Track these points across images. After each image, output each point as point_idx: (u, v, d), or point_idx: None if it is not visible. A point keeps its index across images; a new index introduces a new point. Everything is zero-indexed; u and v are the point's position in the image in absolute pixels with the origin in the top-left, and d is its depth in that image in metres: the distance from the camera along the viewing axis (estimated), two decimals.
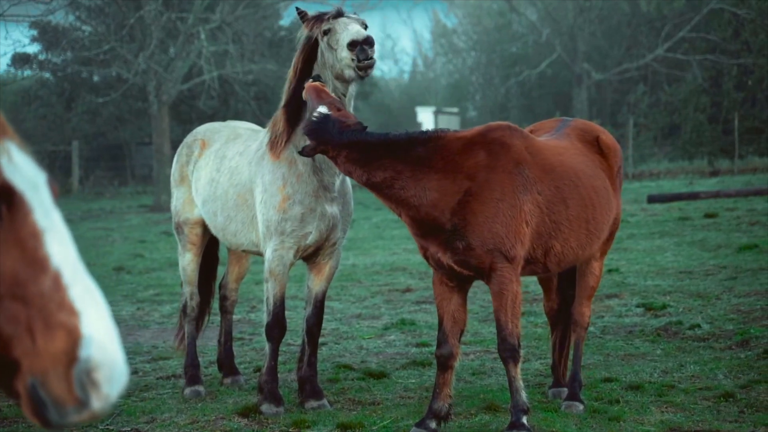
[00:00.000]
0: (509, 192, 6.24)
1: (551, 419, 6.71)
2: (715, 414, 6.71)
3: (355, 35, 6.68)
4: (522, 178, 6.30)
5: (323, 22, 6.93)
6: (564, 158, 6.65)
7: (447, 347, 6.49)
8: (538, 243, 6.40)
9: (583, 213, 6.58)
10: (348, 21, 6.87)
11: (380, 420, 6.82)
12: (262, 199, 7.16)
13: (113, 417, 7.13)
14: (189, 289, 8.20)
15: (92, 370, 2.19)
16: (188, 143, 8.19)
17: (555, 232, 6.45)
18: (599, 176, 6.83)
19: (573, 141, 6.97)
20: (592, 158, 6.91)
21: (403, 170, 6.18)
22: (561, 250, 6.53)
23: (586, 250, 6.73)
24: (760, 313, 9.88)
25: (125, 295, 13.40)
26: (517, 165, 6.33)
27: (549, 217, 6.40)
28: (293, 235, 7.03)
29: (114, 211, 29.10)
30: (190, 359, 8.01)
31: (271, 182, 7.09)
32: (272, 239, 7.09)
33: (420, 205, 6.20)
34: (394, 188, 6.20)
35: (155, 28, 29.39)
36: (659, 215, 19.97)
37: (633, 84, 44.34)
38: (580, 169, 6.69)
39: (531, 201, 6.31)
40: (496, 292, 6.29)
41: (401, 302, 11.95)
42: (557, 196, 6.45)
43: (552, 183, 6.44)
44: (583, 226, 6.59)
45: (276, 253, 7.09)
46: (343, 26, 6.82)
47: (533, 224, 6.33)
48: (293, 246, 7.08)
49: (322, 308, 7.39)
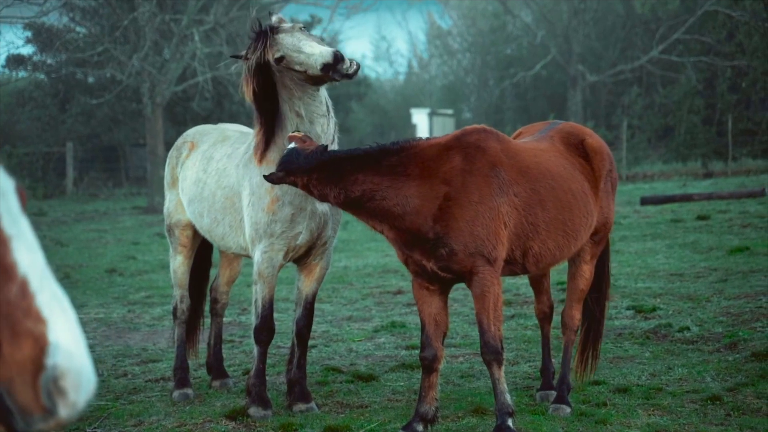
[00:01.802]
0: (486, 194, 6.29)
1: (538, 422, 6.72)
2: (702, 417, 6.72)
3: (325, 58, 6.55)
4: (498, 180, 6.36)
5: (272, 48, 6.75)
6: (540, 160, 6.68)
7: (431, 350, 6.52)
8: (517, 244, 6.45)
9: (559, 215, 6.62)
10: (299, 42, 6.70)
11: (367, 423, 6.83)
12: (250, 202, 7.16)
13: (101, 420, 7.14)
14: (179, 291, 8.20)
15: (59, 378, 2.19)
16: (178, 146, 8.21)
17: (532, 234, 6.50)
18: (577, 179, 6.84)
19: (555, 143, 6.99)
20: (573, 161, 6.92)
21: (381, 181, 6.24)
22: (539, 251, 6.58)
23: (563, 251, 6.76)
24: (749, 316, 9.90)
25: (116, 297, 13.39)
26: (492, 167, 6.37)
27: (526, 218, 6.45)
28: (283, 236, 7.02)
29: (108, 213, 29.07)
30: (179, 362, 8.01)
31: (259, 184, 7.08)
32: (261, 242, 7.08)
33: (404, 214, 6.23)
34: (376, 200, 6.24)
35: (149, 30, 29.37)
36: (652, 217, 19.99)
37: (627, 86, 44.38)
38: (557, 171, 6.72)
39: (508, 203, 6.36)
40: (477, 294, 6.32)
41: (392, 304, 11.96)
42: (534, 198, 6.49)
43: (528, 185, 6.49)
44: (560, 227, 6.62)
45: (265, 255, 7.08)
46: (298, 50, 6.67)
47: (511, 226, 6.38)
48: (283, 248, 7.07)
49: (312, 310, 7.39)
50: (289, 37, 6.74)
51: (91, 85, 37.51)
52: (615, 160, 7.52)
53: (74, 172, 35.95)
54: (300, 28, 6.85)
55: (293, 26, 6.87)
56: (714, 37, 38.98)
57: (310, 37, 6.82)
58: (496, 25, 50.36)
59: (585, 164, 6.97)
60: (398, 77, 66.57)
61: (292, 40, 6.72)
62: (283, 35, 6.76)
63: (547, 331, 7.63)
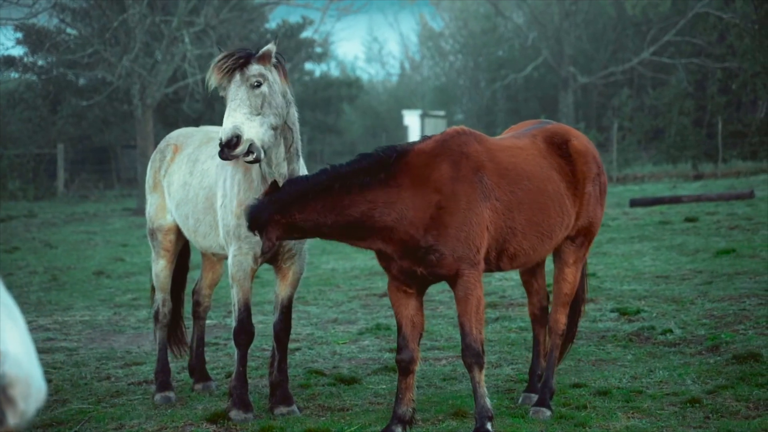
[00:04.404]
0: (473, 201, 6.34)
1: (517, 425, 6.74)
2: (681, 420, 6.75)
3: (222, 134, 6.56)
4: (482, 185, 6.40)
5: (216, 75, 6.79)
6: (518, 161, 6.71)
7: (408, 352, 6.54)
8: (494, 246, 6.50)
9: (534, 216, 6.65)
10: (227, 103, 6.69)
11: (348, 426, 6.84)
12: (222, 204, 7.23)
13: (81, 424, 7.14)
14: (161, 295, 8.21)
15: (7, 387, 2.19)
16: (161, 149, 8.20)
17: (509, 236, 6.55)
18: (553, 179, 6.85)
19: (536, 141, 6.99)
20: (551, 161, 6.93)
21: (376, 199, 6.21)
22: (513, 252, 6.64)
23: (537, 251, 6.79)
24: (733, 318, 9.93)
25: (103, 299, 13.38)
26: (476, 173, 6.41)
27: (505, 222, 6.50)
28: (248, 240, 7.06)
29: (98, 215, 29.02)
30: (161, 365, 8.02)
31: (230, 187, 7.16)
32: (232, 244, 7.16)
33: (400, 227, 6.23)
34: (375, 218, 6.21)
35: (139, 31, 29.34)
36: (640, 219, 20.02)
37: (618, 87, 44.47)
38: (533, 171, 6.74)
39: (490, 207, 6.41)
40: (461, 297, 6.35)
41: (378, 307, 11.97)
42: (513, 201, 6.54)
43: (507, 188, 6.53)
44: (534, 228, 6.66)
45: (235, 259, 7.14)
46: (228, 109, 6.67)
47: (492, 230, 6.41)
48: (249, 251, 7.10)
49: (289, 314, 7.40)
50: (233, 88, 6.71)
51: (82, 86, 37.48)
52: (605, 162, 7.52)
53: (65, 173, 35.90)
54: (258, 74, 6.76)
55: (254, 73, 6.76)
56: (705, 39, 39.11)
57: (250, 94, 6.71)
58: (487, 26, 50.42)
59: (565, 165, 6.97)
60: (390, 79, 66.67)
61: (230, 101, 6.68)
62: (236, 80, 6.73)
63: (537, 332, 7.61)
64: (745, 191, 22.50)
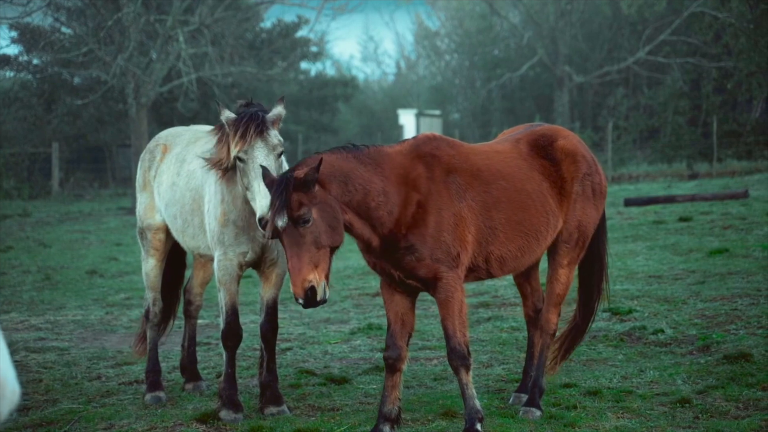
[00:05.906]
0: (447, 200, 6.39)
1: (507, 425, 6.74)
2: (670, 420, 6.75)
3: (260, 211, 6.53)
4: (455, 186, 6.45)
5: (240, 144, 6.78)
6: (492, 162, 6.73)
7: (395, 350, 6.54)
8: (478, 251, 6.52)
9: (514, 215, 6.65)
10: (254, 180, 6.66)
11: (337, 426, 6.84)
12: (208, 209, 7.25)
13: (71, 424, 7.13)
14: (152, 294, 8.20)
15: None
16: (151, 148, 8.19)
17: (491, 238, 6.55)
18: (534, 179, 6.85)
19: (519, 145, 7.01)
20: (532, 162, 6.93)
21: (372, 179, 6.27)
22: (500, 255, 6.63)
23: (526, 253, 6.78)
24: (724, 318, 9.93)
25: (95, 299, 13.37)
26: (448, 174, 6.46)
27: (484, 222, 6.52)
28: (232, 248, 7.11)
29: (93, 214, 28.98)
30: (152, 365, 8.02)
31: (215, 193, 7.19)
32: (217, 248, 7.20)
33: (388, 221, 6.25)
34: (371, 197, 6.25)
35: (134, 30, 29.30)
36: (635, 219, 20.02)
37: (613, 87, 44.49)
38: (509, 172, 6.75)
39: (466, 207, 6.45)
40: (442, 300, 6.36)
41: (370, 306, 11.97)
42: (488, 200, 6.56)
43: (481, 188, 6.56)
44: (517, 228, 6.66)
45: (221, 264, 7.17)
46: (249, 183, 6.70)
47: (473, 231, 6.42)
48: (234, 258, 7.14)
49: (275, 314, 7.39)
50: (260, 157, 6.73)
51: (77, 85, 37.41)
52: (600, 162, 7.45)
53: (60, 172, 35.88)
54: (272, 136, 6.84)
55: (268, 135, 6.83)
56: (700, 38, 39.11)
57: (276, 164, 6.78)
58: (483, 26, 50.43)
59: (549, 166, 6.97)
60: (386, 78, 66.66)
61: (256, 164, 6.68)
62: (260, 147, 6.77)
63: (532, 334, 7.61)
64: (740, 191, 22.50)
